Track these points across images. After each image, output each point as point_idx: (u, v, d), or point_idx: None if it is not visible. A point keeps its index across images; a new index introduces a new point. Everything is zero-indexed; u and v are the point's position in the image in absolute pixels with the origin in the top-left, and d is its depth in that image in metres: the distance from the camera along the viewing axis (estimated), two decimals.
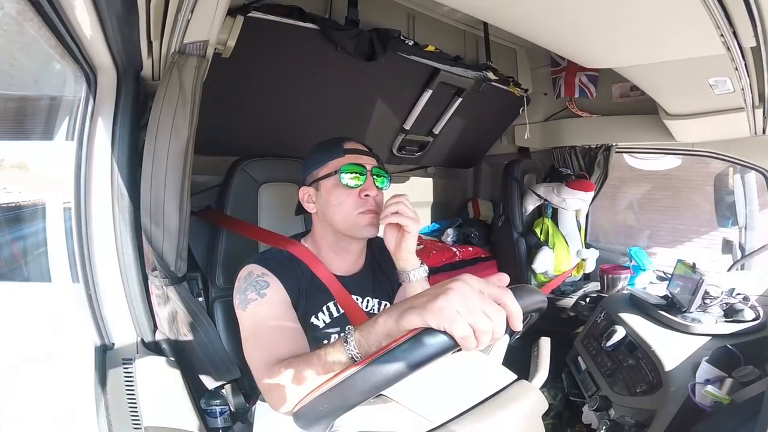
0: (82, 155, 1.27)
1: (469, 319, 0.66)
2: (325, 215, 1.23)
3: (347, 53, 1.68)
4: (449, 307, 0.66)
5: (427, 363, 0.67)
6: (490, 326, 0.67)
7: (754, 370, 1.32)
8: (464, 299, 0.67)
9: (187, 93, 1.18)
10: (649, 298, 1.84)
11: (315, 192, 1.25)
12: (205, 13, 1.06)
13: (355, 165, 1.21)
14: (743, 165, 2.30)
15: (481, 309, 0.67)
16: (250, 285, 1.13)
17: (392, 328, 0.74)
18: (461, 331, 0.65)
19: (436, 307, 0.67)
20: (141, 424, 1.20)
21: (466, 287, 0.69)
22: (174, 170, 1.22)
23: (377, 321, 0.78)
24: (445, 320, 0.66)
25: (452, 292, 0.68)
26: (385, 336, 0.76)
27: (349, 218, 1.20)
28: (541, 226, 2.65)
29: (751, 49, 1.15)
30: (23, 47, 1.14)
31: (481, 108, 2.55)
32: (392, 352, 0.67)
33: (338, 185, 1.20)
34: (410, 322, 0.70)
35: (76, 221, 1.28)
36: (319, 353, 0.87)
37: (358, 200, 1.20)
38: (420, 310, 0.69)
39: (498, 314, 0.68)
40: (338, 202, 1.20)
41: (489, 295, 0.69)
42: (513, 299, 0.70)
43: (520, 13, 1.19)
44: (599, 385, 1.73)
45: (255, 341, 1.08)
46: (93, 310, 1.30)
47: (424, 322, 0.67)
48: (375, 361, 0.68)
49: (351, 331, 0.83)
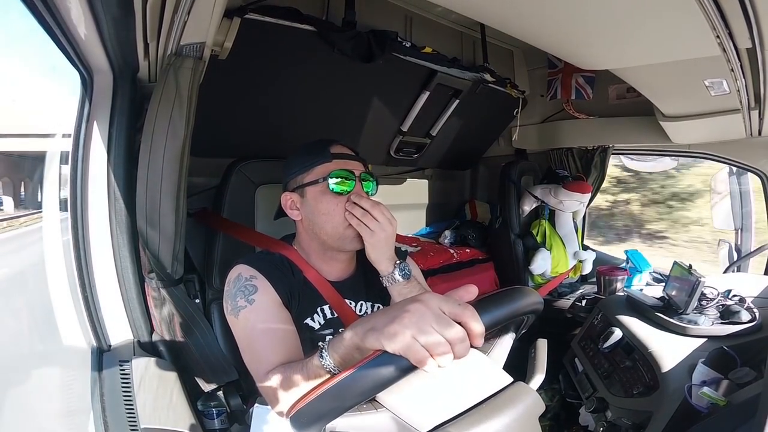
0: (78, 157, 1.27)
1: (425, 341, 0.65)
2: (312, 223, 1.21)
3: (344, 55, 1.67)
4: (403, 332, 0.66)
5: (392, 382, 0.68)
6: (448, 347, 0.66)
7: (751, 371, 1.32)
8: (420, 322, 0.67)
9: (184, 95, 1.17)
10: (646, 300, 1.84)
11: (300, 198, 1.22)
12: (202, 15, 1.05)
13: (343, 171, 1.19)
14: (739, 166, 2.31)
15: (438, 330, 0.66)
16: (239, 291, 1.13)
17: (359, 344, 0.76)
18: (416, 356, 0.65)
19: (391, 332, 0.67)
20: (138, 426, 1.19)
21: (423, 309, 0.68)
22: (170, 172, 1.21)
23: (344, 337, 0.80)
24: (399, 346, 0.66)
25: (408, 315, 0.68)
26: (355, 350, 0.78)
27: (338, 229, 1.19)
28: (538, 227, 2.66)
29: (746, 50, 1.16)
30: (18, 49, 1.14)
31: (478, 110, 2.55)
32: (357, 373, 0.68)
33: (326, 192, 1.18)
34: (371, 343, 0.71)
35: (73, 223, 1.28)
36: (304, 363, 0.90)
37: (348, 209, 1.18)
38: (378, 334, 0.69)
39: (456, 335, 0.66)
40: (327, 210, 1.18)
41: (448, 313, 0.68)
42: (474, 317, 0.68)
43: (516, 14, 1.19)
44: (596, 387, 1.73)
45: (249, 349, 1.10)
46: (90, 311, 1.30)
47: (381, 345, 0.68)
48: (344, 379, 0.69)
49: (325, 346, 0.85)
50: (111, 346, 1.33)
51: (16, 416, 1.17)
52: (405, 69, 1.96)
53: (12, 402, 1.19)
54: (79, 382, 1.27)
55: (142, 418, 1.18)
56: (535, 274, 2.61)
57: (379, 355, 0.68)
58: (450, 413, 0.80)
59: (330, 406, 0.70)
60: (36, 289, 1.40)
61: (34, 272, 1.40)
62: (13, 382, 1.22)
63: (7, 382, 1.19)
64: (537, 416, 0.87)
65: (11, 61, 1.28)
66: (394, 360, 0.67)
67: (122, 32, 1.08)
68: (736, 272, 2.33)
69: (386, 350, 0.67)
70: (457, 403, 0.82)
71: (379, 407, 0.83)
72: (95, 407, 1.17)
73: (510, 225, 2.69)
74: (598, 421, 1.70)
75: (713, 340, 1.55)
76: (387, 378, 0.67)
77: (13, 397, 1.21)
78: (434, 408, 0.82)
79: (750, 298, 1.71)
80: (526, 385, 0.93)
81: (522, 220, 2.72)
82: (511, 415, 0.81)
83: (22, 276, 1.56)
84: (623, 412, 1.56)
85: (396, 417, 0.82)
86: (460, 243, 2.87)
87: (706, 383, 1.35)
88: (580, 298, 2.44)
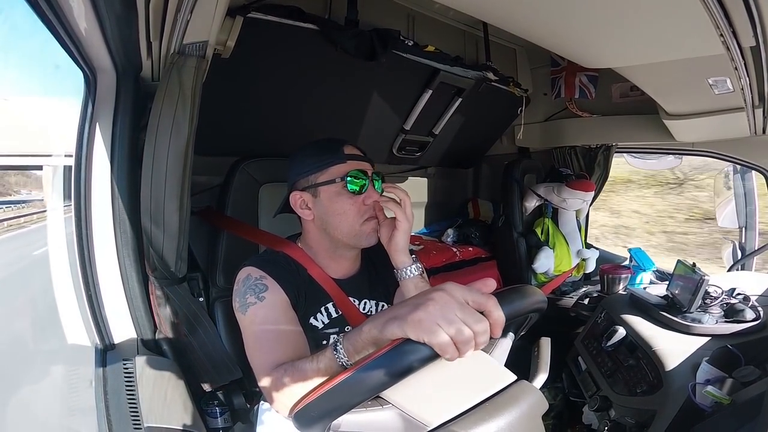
0: (82, 156, 1.27)
1: (449, 330, 0.66)
2: (326, 222, 1.22)
3: (347, 53, 1.67)
4: (428, 319, 0.67)
5: (409, 373, 0.68)
6: (471, 336, 0.67)
7: (755, 370, 1.32)
8: (444, 310, 0.67)
9: (187, 93, 1.17)
10: (650, 298, 1.84)
11: (312, 198, 1.23)
12: (205, 14, 1.05)
13: (358, 172, 1.20)
14: (743, 164, 2.30)
15: (462, 319, 0.67)
16: (249, 288, 1.14)
17: (377, 336, 0.76)
18: (440, 343, 0.66)
19: (415, 319, 0.68)
20: (141, 424, 1.20)
21: (447, 297, 0.69)
22: (174, 171, 1.21)
23: (362, 329, 0.80)
24: (423, 332, 0.66)
25: (432, 302, 0.69)
26: (371, 343, 0.78)
27: (354, 226, 1.21)
28: (541, 226, 2.65)
29: (750, 48, 1.15)
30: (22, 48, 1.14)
31: (481, 108, 2.55)
32: (375, 362, 0.69)
33: (342, 193, 1.20)
34: (392, 333, 0.71)
35: (77, 222, 1.28)
36: (313, 360, 0.89)
37: (362, 207, 1.20)
38: (401, 322, 0.69)
39: (479, 324, 0.68)
40: (342, 210, 1.20)
41: (472, 302, 0.70)
42: (497, 307, 0.70)
43: (519, 13, 1.19)
44: (599, 386, 1.73)
45: (256, 345, 1.09)
46: (93, 310, 1.30)
47: (405, 333, 0.68)
48: (360, 369, 0.69)
49: (340, 339, 0.85)
50: (114, 345, 1.33)
51: (20, 414, 1.18)
52: (408, 67, 1.96)
53: (16, 400, 1.20)
54: (82, 381, 1.28)
55: (145, 417, 1.18)
56: (538, 273, 2.61)
57: (402, 343, 0.68)
58: (454, 411, 0.80)
59: (345, 399, 0.70)
60: (40, 288, 1.41)
61: (37, 271, 1.40)
62: (17, 381, 1.23)
63: (11, 380, 1.20)
64: (540, 415, 0.87)
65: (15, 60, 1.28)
66: (416, 348, 0.67)
67: (125, 31, 1.08)
68: (741, 270, 2.32)
69: (409, 337, 0.68)
70: (460, 402, 0.82)
71: (384, 404, 0.83)
72: (99, 405, 1.18)
73: (513, 223, 2.69)
74: (601, 420, 1.70)
75: (717, 339, 1.54)
76: (408, 366, 0.67)
77: (17, 395, 1.21)
78: (439, 405, 0.82)
79: (754, 297, 1.71)
80: (530, 383, 0.92)
81: (525, 218, 2.72)
82: (515, 414, 0.81)
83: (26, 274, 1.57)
84: (627, 410, 1.56)
85: (403, 413, 0.81)
86: (463, 241, 2.87)
87: (710, 382, 1.34)
88: (583, 297, 2.44)
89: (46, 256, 1.37)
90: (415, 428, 0.81)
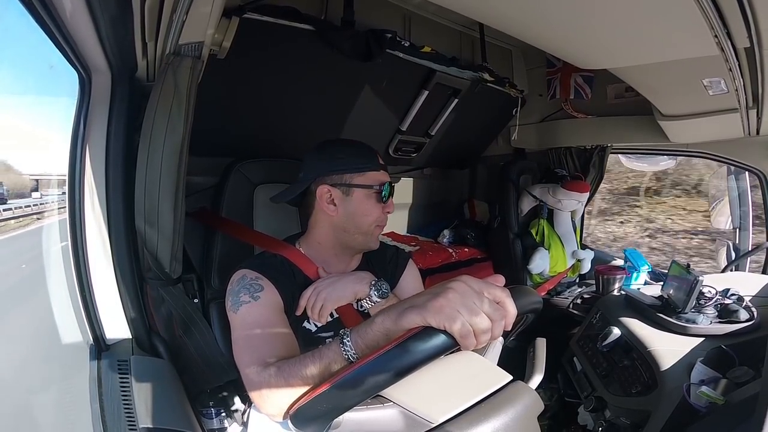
0: (77, 156, 1.26)
1: (469, 318, 0.67)
2: (349, 221, 1.25)
3: (343, 54, 1.67)
4: (449, 306, 0.68)
5: (427, 362, 0.68)
6: (489, 326, 0.68)
7: (749, 370, 1.33)
8: (464, 298, 0.68)
9: (182, 94, 1.17)
10: (644, 299, 1.84)
11: (342, 196, 1.24)
12: (200, 14, 1.05)
13: (389, 184, 1.27)
14: (737, 165, 2.32)
15: (481, 309, 0.68)
16: (244, 288, 1.13)
17: (390, 327, 0.75)
18: (461, 330, 0.67)
19: (436, 306, 0.68)
20: (136, 425, 1.19)
21: (466, 287, 0.70)
22: (169, 171, 1.21)
23: (375, 321, 0.79)
24: (445, 319, 0.67)
25: (452, 291, 0.70)
26: (383, 336, 0.77)
27: (371, 227, 1.26)
28: (536, 227, 2.66)
29: (744, 50, 1.16)
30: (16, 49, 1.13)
31: (477, 109, 2.55)
32: (393, 351, 0.68)
33: (372, 197, 1.24)
34: (410, 321, 0.71)
35: (71, 222, 1.27)
36: (314, 354, 0.87)
37: (381, 215, 1.27)
38: (420, 309, 0.70)
39: (497, 314, 0.69)
40: (369, 212, 1.25)
41: (489, 295, 0.71)
42: (511, 301, 0.71)
43: (515, 14, 1.19)
44: (595, 386, 1.73)
45: (245, 343, 1.07)
46: (88, 311, 1.29)
47: (425, 320, 0.69)
48: (376, 359, 0.69)
49: (347, 332, 0.83)
50: (109, 346, 1.32)
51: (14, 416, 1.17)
52: (404, 68, 1.96)
53: (10, 402, 1.19)
54: (77, 382, 1.27)
55: (140, 418, 1.18)
56: (534, 273, 2.61)
57: (421, 330, 0.69)
58: (450, 412, 0.80)
59: (372, 383, 0.69)
60: (34, 289, 1.40)
61: (32, 272, 1.40)
62: (11, 382, 1.22)
63: (5, 381, 1.19)
64: (536, 415, 0.87)
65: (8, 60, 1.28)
66: (436, 334, 0.67)
67: (120, 32, 1.07)
68: (735, 271, 2.33)
69: (430, 325, 0.68)
70: (456, 402, 0.82)
71: (385, 402, 0.83)
72: (93, 407, 1.17)
73: (509, 224, 2.69)
74: (596, 421, 1.70)
75: (711, 339, 1.55)
76: (428, 353, 0.67)
77: (11, 396, 1.21)
78: (434, 406, 0.82)
79: (748, 297, 1.72)
80: (525, 384, 0.93)
81: (521, 219, 2.73)
82: (510, 415, 0.81)
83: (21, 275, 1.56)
84: (622, 411, 1.57)
85: (405, 410, 0.81)
86: (459, 242, 2.88)
87: (704, 382, 1.35)
88: (578, 297, 2.44)
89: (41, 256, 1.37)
90: (416, 426, 0.81)
